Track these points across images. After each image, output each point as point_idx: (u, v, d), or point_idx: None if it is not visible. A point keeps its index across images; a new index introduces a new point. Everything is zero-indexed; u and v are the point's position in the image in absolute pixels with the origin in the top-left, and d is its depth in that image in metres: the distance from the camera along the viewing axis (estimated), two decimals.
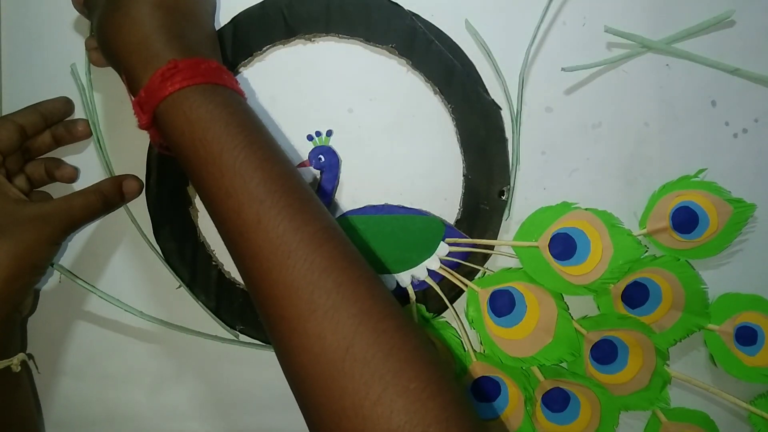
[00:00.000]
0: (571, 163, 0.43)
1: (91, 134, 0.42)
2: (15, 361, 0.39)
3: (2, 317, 0.37)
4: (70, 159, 0.43)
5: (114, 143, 0.42)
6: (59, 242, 0.39)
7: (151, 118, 0.33)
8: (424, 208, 0.42)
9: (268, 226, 0.30)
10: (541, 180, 0.43)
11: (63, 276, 0.42)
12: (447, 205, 0.43)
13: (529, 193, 0.43)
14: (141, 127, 0.34)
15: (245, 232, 0.30)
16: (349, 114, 0.42)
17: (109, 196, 0.40)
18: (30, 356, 0.42)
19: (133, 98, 0.34)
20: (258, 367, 0.43)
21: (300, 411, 0.30)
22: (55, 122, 0.42)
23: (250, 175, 0.31)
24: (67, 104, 0.42)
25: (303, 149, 0.42)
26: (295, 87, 0.42)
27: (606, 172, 0.43)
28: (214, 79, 0.33)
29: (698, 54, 0.43)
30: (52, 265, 0.42)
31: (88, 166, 0.43)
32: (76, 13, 0.41)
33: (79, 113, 0.42)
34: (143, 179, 0.42)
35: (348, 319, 0.28)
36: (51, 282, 0.43)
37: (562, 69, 0.42)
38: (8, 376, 0.39)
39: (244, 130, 0.32)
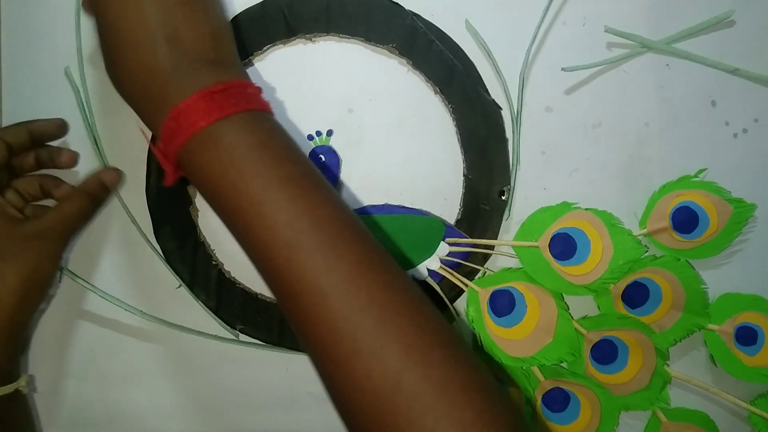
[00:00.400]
0: (571, 163, 0.43)
1: (75, 165, 0.41)
2: (23, 383, 0.39)
3: (14, 339, 0.37)
4: (67, 172, 0.43)
5: (111, 144, 0.42)
6: (62, 256, 0.39)
7: (176, 166, 0.32)
8: (424, 208, 0.42)
9: (300, 270, 0.29)
10: (541, 180, 0.43)
11: (62, 275, 0.42)
12: (447, 205, 0.43)
13: (529, 193, 0.43)
14: (168, 182, 0.32)
15: (279, 276, 0.30)
16: (349, 114, 0.42)
17: (96, 194, 0.40)
18: (30, 376, 0.43)
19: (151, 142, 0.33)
20: (258, 367, 0.43)
21: (302, 413, 0.30)
22: (42, 143, 0.40)
23: (273, 218, 0.29)
24: (59, 128, 0.40)
25: (303, 149, 0.42)
26: (296, 87, 0.42)
27: (606, 172, 0.43)
28: (229, 109, 0.30)
29: (698, 54, 0.43)
30: (60, 278, 0.42)
31: (86, 169, 0.42)
32: (76, 14, 0.41)
33: (74, 114, 0.42)
34: (144, 180, 0.42)
35: (394, 356, 0.27)
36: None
37: (562, 69, 0.42)
38: (18, 398, 0.39)
39: (265, 169, 0.30)
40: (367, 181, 0.42)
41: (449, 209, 0.43)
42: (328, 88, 0.42)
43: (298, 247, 0.29)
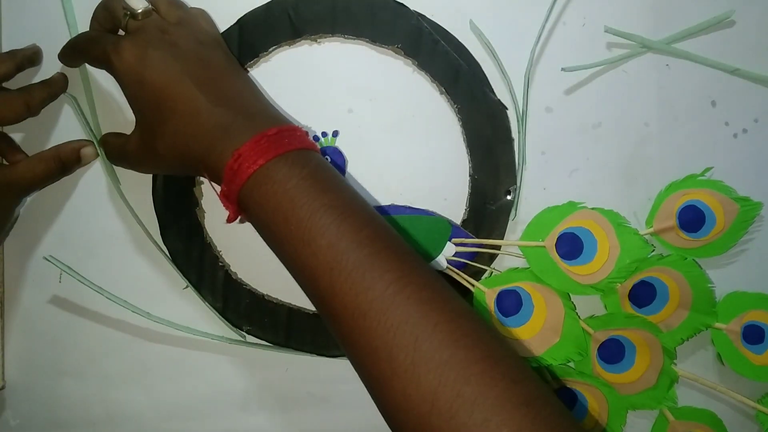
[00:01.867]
0: (571, 163, 0.43)
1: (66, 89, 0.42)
2: None
3: None
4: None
5: None
6: (15, 207, 0.41)
7: (237, 206, 0.34)
8: (430, 209, 0.42)
9: (341, 290, 0.30)
10: (541, 180, 0.43)
11: (63, 275, 0.42)
12: (453, 206, 0.43)
13: (529, 193, 0.43)
14: (230, 220, 0.35)
15: (322, 299, 0.31)
16: (354, 115, 0.42)
17: (68, 163, 0.41)
18: None
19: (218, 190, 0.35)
20: (258, 368, 0.43)
21: (302, 413, 0.30)
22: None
23: (318, 242, 0.31)
24: (35, 54, 0.41)
25: None
26: (301, 88, 0.42)
27: (606, 172, 0.43)
28: (283, 148, 0.33)
29: (698, 54, 0.43)
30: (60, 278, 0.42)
31: (91, 175, 0.43)
32: (76, 14, 0.41)
33: (78, 120, 0.42)
34: (150, 182, 0.42)
35: (428, 374, 0.28)
36: (52, 281, 0.43)
37: (562, 69, 0.42)
38: None
39: (312, 199, 0.32)
40: (372, 182, 0.43)
41: (455, 209, 0.43)
42: (333, 89, 0.42)
43: (339, 268, 0.30)
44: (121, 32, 0.38)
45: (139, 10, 0.37)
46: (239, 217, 0.35)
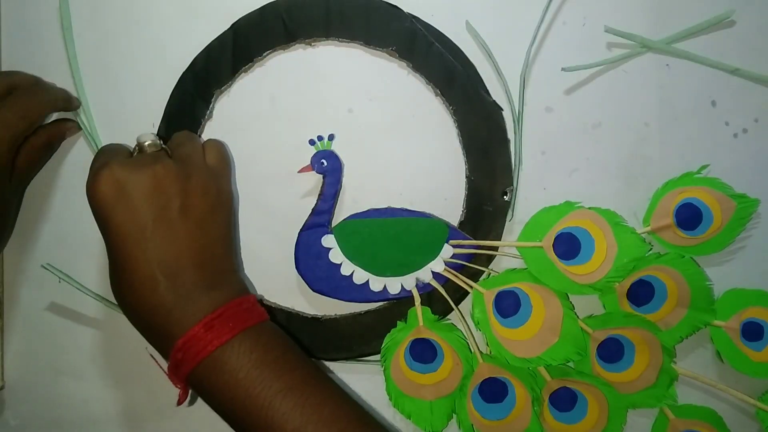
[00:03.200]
0: (571, 163, 0.43)
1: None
2: None
3: None
4: (67, 171, 0.43)
5: None
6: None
7: (186, 389, 0.36)
8: (427, 211, 0.42)
9: None
10: (541, 180, 0.43)
11: (63, 275, 0.42)
12: (450, 207, 0.43)
13: (529, 193, 0.43)
14: (180, 402, 0.37)
15: None
16: (350, 118, 0.42)
17: (54, 140, 0.42)
18: None
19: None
20: None
21: None
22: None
23: (282, 428, 0.33)
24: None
25: (305, 153, 0.42)
26: (296, 92, 0.42)
27: (606, 172, 0.43)
28: (226, 335, 0.34)
29: (698, 54, 0.43)
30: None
31: (84, 181, 0.42)
32: (77, 14, 0.41)
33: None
34: None
35: None
36: (52, 281, 0.43)
37: (562, 69, 0.42)
38: None
39: (267, 386, 0.33)
40: (369, 184, 0.43)
41: (452, 211, 0.43)
42: (328, 93, 0.42)
43: None
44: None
45: (146, 143, 0.38)
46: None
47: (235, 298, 0.36)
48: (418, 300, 0.42)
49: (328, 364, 0.43)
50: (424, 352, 0.42)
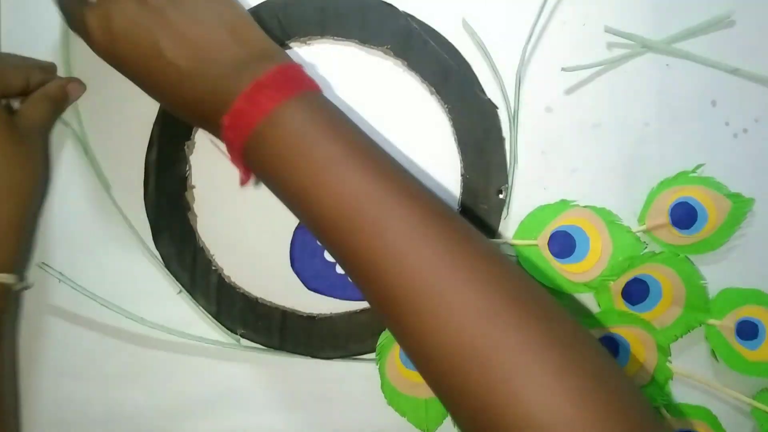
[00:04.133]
0: (571, 163, 0.43)
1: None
2: (10, 279, 0.38)
3: (21, 230, 0.39)
4: (60, 170, 0.43)
5: (105, 151, 0.42)
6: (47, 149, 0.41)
7: (246, 166, 0.33)
8: None
9: (361, 229, 0.30)
10: (541, 180, 0.43)
11: (62, 275, 0.42)
12: None
13: (529, 192, 0.43)
14: (243, 182, 0.35)
15: (339, 245, 0.31)
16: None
17: (59, 101, 0.41)
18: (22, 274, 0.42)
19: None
20: (258, 367, 0.43)
21: (302, 413, 0.29)
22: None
23: (338, 190, 0.30)
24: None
25: None
26: None
27: (606, 172, 0.43)
28: (290, 91, 0.32)
29: (698, 54, 0.43)
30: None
31: (80, 181, 0.42)
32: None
33: (65, 121, 0.42)
34: (141, 187, 0.42)
35: (458, 320, 0.27)
36: (51, 282, 0.43)
37: (562, 69, 0.42)
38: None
39: (323, 149, 0.31)
40: None
41: None
42: (323, 91, 0.42)
43: (361, 215, 0.30)
44: None
45: None
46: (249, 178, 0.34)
47: (281, 63, 0.33)
48: None
49: (322, 363, 0.43)
50: None
